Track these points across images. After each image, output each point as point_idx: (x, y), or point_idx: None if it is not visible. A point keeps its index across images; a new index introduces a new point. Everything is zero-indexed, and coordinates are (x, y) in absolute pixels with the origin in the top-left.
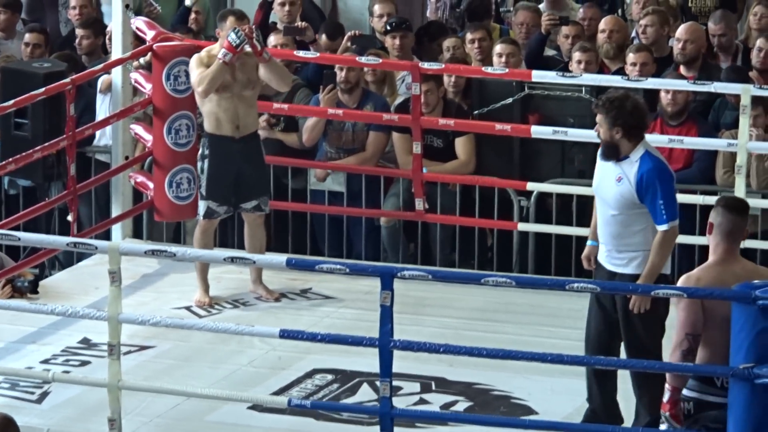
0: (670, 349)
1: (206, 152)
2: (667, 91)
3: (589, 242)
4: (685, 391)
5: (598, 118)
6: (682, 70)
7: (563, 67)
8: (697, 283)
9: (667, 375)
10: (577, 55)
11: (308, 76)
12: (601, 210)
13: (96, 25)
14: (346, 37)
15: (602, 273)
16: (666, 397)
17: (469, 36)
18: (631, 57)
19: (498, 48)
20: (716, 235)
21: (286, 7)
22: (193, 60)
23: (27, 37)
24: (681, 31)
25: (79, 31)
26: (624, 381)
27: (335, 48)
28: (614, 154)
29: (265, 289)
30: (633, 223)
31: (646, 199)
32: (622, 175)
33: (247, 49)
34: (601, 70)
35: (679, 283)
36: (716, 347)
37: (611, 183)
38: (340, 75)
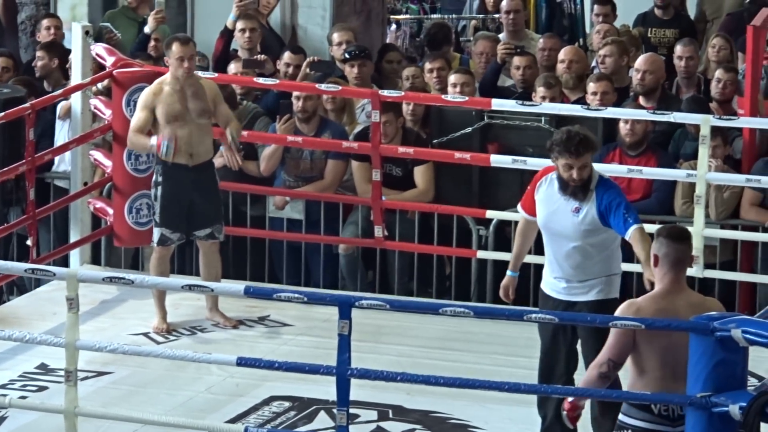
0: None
1: (159, 179)
2: (626, 122)
3: (509, 273)
4: (623, 418)
5: (584, 159)
6: (641, 100)
7: (520, 96)
8: (638, 313)
9: (585, 381)
10: (541, 90)
11: (268, 104)
12: (557, 244)
13: (54, 48)
14: (305, 64)
15: (556, 304)
16: (572, 398)
17: (428, 65)
18: (591, 86)
19: (453, 78)
20: (663, 266)
21: (247, 34)
22: (142, 96)
23: None
24: (640, 61)
25: (38, 53)
26: None
27: (299, 62)
28: (588, 189)
29: (222, 316)
30: (594, 253)
31: (609, 217)
32: (579, 206)
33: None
34: (561, 100)
35: (620, 310)
36: (652, 374)
37: (567, 216)
38: (297, 104)
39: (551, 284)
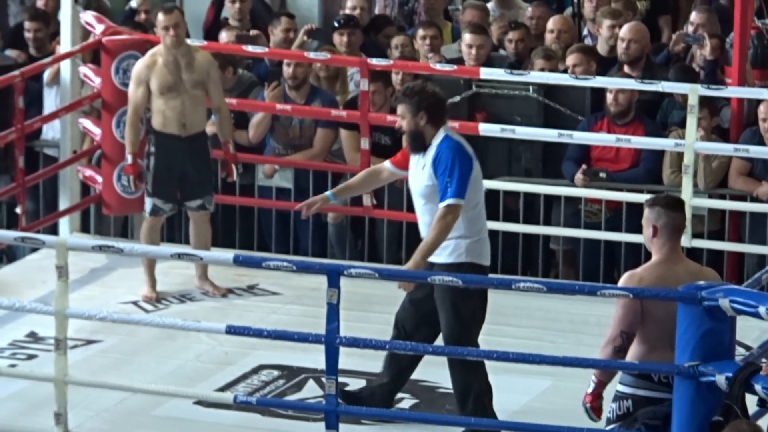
0: (602, 342)
1: (152, 149)
2: (610, 91)
3: (326, 193)
4: (622, 388)
5: (400, 110)
6: (626, 69)
7: (511, 65)
8: (640, 283)
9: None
10: (540, 63)
11: (260, 74)
12: (416, 203)
13: (45, 16)
14: (302, 31)
15: (427, 266)
16: (590, 389)
17: (420, 32)
18: (567, 59)
19: (468, 38)
20: (662, 235)
21: (237, 4)
22: (135, 71)
23: None
24: (625, 30)
25: (28, 24)
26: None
27: (297, 27)
28: (421, 143)
29: (211, 284)
30: None
31: (437, 174)
32: (425, 163)
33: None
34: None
35: (622, 281)
36: (654, 344)
37: (418, 172)
38: (287, 71)
39: None
